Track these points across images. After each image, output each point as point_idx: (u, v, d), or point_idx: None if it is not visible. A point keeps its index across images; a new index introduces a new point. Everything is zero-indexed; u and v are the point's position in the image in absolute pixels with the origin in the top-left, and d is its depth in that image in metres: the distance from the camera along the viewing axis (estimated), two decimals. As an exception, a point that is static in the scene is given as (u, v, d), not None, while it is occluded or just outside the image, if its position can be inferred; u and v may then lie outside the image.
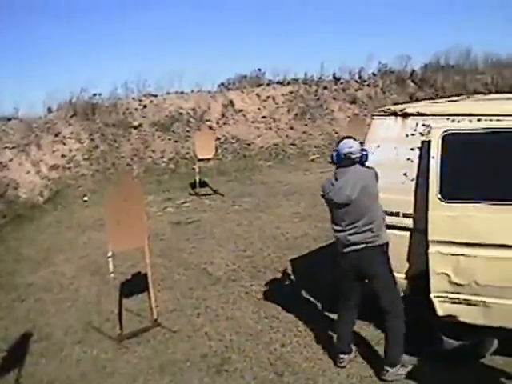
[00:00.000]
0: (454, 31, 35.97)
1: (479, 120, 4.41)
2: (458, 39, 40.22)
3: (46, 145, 15.06)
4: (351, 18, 42.12)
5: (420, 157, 4.72)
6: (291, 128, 18.45)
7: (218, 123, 17.96)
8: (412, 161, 4.79)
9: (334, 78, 20.47)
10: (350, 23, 41.88)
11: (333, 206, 4.63)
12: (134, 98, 17.60)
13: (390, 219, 4.91)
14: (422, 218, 4.57)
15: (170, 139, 17.02)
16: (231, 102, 18.34)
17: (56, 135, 15.37)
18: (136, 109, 17.30)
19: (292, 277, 7.33)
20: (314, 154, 17.56)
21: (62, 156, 15.07)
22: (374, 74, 21.00)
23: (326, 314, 6.01)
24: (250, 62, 42.10)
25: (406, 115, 4.87)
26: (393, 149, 4.91)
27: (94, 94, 16.73)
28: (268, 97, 18.93)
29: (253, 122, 18.29)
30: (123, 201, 5.95)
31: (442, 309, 4.60)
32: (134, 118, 17.10)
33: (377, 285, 4.59)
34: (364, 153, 4.55)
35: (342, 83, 20.28)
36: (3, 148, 13.99)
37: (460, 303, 4.51)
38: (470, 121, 4.46)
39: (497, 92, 15.79)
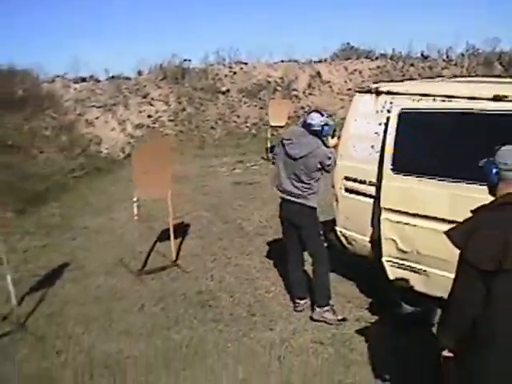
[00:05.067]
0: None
1: (434, 100, 4.75)
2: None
3: (133, 105, 16.26)
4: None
5: (384, 131, 5.13)
6: (376, 102, 18.48)
7: (304, 93, 18.46)
8: (379, 135, 5.20)
9: (422, 55, 20.20)
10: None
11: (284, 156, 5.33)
12: (224, 65, 18.50)
13: (359, 186, 5.42)
14: (382, 186, 5.02)
15: (255, 105, 17.80)
16: (318, 74, 18.73)
17: (144, 97, 16.56)
18: (226, 75, 18.21)
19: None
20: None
21: (149, 116, 16.26)
22: (462, 55, 20.40)
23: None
24: (339, 36, 41.75)
25: (378, 93, 5.26)
26: (366, 123, 5.35)
27: (185, 60, 17.81)
28: (355, 70, 19.14)
29: (338, 94, 18.60)
30: (151, 156, 6.77)
31: (391, 272, 5.07)
32: (223, 83, 18.01)
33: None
34: (325, 128, 5.16)
35: (429, 61, 19.95)
36: (91, 106, 15.30)
37: (405, 269, 4.95)
38: (427, 101, 4.81)
39: None
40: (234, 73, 18.28)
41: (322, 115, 5.20)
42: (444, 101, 4.67)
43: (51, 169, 11.94)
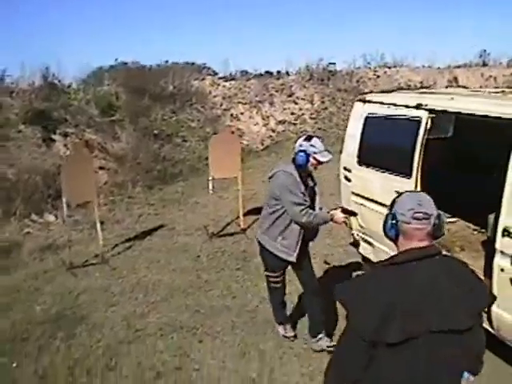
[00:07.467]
0: None
1: (388, 107, 6.01)
2: None
3: (278, 103, 18.01)
4: None
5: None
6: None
7: (439, 97, 19.08)
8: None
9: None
10: None
11: None
12: (370, 68, 19.76)
13: (347, 173, 6.82)
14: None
15: (394, 107, 18.80)
16: (455, 79, 19.18)
17: (289, 96, 18.31)
18: (370, 78, 19.46)
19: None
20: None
21: (292, 114, 17.92)
22: None
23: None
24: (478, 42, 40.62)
25: (364, 101, 6.60)
26: (354, 125, 6.71)
27: (330, 63, 19.37)
28: (490, 76, 19.28)
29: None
30: (222, 145, 8.74)
31: (360, 246, 6.46)
32: (366, 86, 19.26)
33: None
34: (300, 153, 4.85)
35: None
36: (237, 103, 17.43)
37: (364, 241, 6.36)
38: (381, 108, 6.07)
39: None
40: (378, 76, 19.46)
41: (309, 140, 4.90)
42: (389, 107, 5.93)
43: (190, 155, 14.33)
